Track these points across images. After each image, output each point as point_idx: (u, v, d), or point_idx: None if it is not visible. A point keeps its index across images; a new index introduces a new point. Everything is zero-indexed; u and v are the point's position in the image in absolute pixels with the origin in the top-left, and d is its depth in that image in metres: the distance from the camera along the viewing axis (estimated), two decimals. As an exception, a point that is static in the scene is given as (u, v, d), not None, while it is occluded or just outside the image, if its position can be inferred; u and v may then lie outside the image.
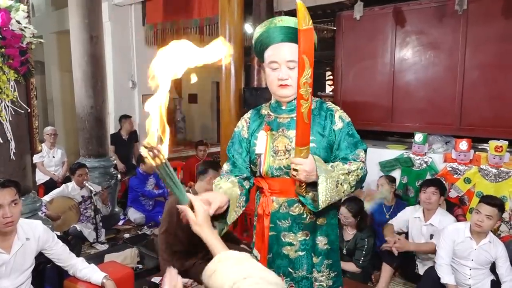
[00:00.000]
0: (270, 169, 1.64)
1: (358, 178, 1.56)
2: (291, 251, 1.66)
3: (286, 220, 1.65)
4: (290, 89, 1.59)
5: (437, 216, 3.23)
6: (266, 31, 1.60)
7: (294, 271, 1.67)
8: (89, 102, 4.80)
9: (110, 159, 5.10)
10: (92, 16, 4.73)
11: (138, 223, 4.83)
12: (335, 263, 1.72)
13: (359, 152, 1.63)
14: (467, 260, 2.84)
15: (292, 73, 1.57)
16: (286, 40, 1.57)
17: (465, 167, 3.92)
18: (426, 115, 4.50)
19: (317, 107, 1.68)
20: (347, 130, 1.65)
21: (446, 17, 4.26)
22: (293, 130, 1.57)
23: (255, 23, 4.99)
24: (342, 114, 1.68)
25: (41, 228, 2.30)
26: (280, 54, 1.57)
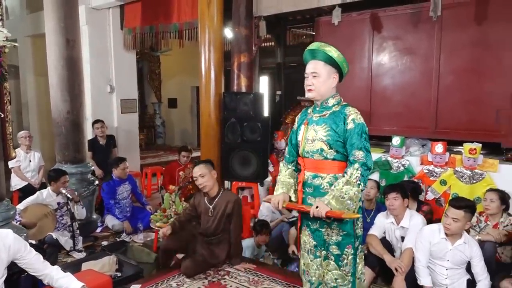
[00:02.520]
0: (303, 151, 2.37)
1: (359, 178, 2.14)
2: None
3: (310, 187, 2.35)
4: (313, 93, 2.32)
5: (407, 218, 3.28)
6: (304, 53, 2.37)
7: (311, 224, 2.38)
8: (66, 107, 4.72)
9: (88, 165, 5.01)
10: (69, 20, 4.66)
11: (116, 230, 4.75)
12: (344, 225, 2.29)
13: (355, 152, 2.19)
14: (443, 260, 2.90)
15: (314, 80, 2.29)
16: (310, 58, 2.34)
17: (441, 169, 4.01)
18: (403, 118, 4.58)
19: (339, 110, 2.31)
20: (356, 131, 2.22)
21: (421, 23, 4.36)
22: (319, 125, 2.31)
23: (234, 28, 5.00)
24: (356, 117, 2.26)
25: (11, 237, 2.24)
26: (307, 68, 2.33)
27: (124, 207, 4.95)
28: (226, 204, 3.52)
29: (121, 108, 6.70)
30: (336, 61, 2.28)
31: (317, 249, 2.36)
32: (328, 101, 2.34)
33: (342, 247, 2.30)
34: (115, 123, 6.66)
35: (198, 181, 3.49)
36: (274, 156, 5.46)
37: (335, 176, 2.27)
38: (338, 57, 2.28)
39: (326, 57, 2.27)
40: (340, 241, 2.29)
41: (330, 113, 2.31)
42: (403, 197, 3.28)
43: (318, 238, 2.34)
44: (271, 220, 4.11)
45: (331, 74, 2.30)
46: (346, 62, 2.34)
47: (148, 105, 11.88)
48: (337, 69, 2.31)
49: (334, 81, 2.33)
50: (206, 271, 3.48)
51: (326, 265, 2.35)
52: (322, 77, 2.29)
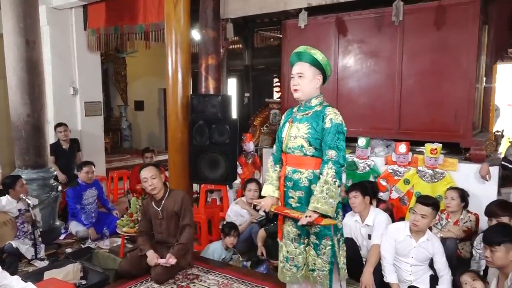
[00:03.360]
0: (286, 147, 2.52)
1: (334, 175, 2.31)
2: (293, 202, 2.52)
3: (290, 182, 2.51)
4: (299, 93, 2.47)
5: (371, 216, 3.37)
6: (291, 56, 2.53)
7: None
8: (26, 110, 4.54)
9: (50, 170, 4.84)
10: (28, 20, 4.49)
11: (80, 236, 4.60)
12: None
13: (328, 152, 2.35)
14: (408, 257, 2.99)
15: (300, 81, 2.45)
16: (297, 60, 2.49)
17: (404, 169, 4.14)
18: (368, 120, 4.68)
19: (320, 109, 2.45)
20: (332, 130, 2.37)
21: (385, 27, 4.49)
22: (302, 123, 2.46)
23: (202, 30, 4.98)
24: (334, 117, 2.40)
25: None
26: (294, 70, 2.49)
27: (89, 212, 4.81)
28: (174, 203, 3.49)
29: (85, 111, 6.52)
30: (321, 63, 2.44)
31: (301, 237, 2.53)
32: (312, 101, 2.48)
33: (320, 238, 2.46)
34: (78, 126, 6.47)
35: (148, 183, 3.45)
36: (243, 158, 5.47)
37: (313, 171, 2.42)
38: (322, 60, 2.44)
39: (311, 59, 2.43)
40: (318, 232, 2.46)
41: (313, 112, 2.46)
42: (363, 194, 3.37)
43: (301, 228, 2.49)
44: (239, 224, 4.10)
45: (315, 75, 2.45)
46: (330, 65, 2.51)
47: (114, 108, 11.61)
48: (321, 71, 2.47)
49: (318, 82, 2.48)
50: (175, 275, 3.44)
51: (309, 250, 2.53)
52: (308, 78, 2.44)
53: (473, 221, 3.45)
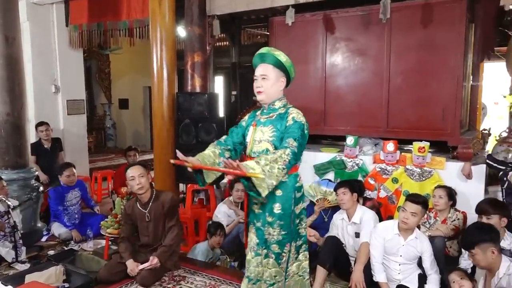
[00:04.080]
0: (251, 152, 2.48)
1: (286, 162, 2.16)
2: (255, 209, 2.47)
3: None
4: (262, 95, 2.44)
5: (358, 214, 3.39)
6: (254, 57, 2.49)
7: (255, 222, 2.47)
8: (5, 109, 4.46)
9: (31, 170, 4.75)
10: (7, 15, 4.40)
11: (63, 238, 4.53)
12: (285, 226, 2.41)
13: (289, 140, 2.25)
14: (396, 256, 3.02)
15: (263, 83, 2.41)
16: (260, 62, 2.46)
17: (392, 167, 4.18)
18: (357, 118, 4.71)
19: (284, 112, 2.44)
20: (293, 126, 2.33)
21: (372, 25, 4.51)
22: (266, 127, 2.44)
23: (187, 27, 4.94)
24: (296, 116, 2.38)
25: None
26: (257, 71, 2.45)
27: (72, 213, 4.74)
28: (162, 205, 3.44)
29: (67, 109, 6.43)
30: (285, 65, 2.42)
31: (259, 247, 2.44)
32: (275, 103, 2.46)
33: (282, 246, 2.42)
34: (61, 125, 6.38)
35: (136, 181, 3.38)
36: (230, 157, 5.44)
37: None
38: (286, 62, 2.42)
39: (275, 61, 2.40)
40: (281, 240, 2.41)
41: (277, 115, 2.43)
42: (351, 191, 3.40)
43: (260, 237, 2.43)
44: (227, 224, 4.09)
45: (279, 77, 2.43)
46: (294, 67, 2.47)
47: (98, 106, 11.47)
48: (285, 73, 2.45)
49: (281, 85, 2.46)
50: (161, 277, 3.41)
51: (266, 263, 2.44)
52: (271, 80, 2.41)
53: (461, 219, 3.49)
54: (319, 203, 4.00)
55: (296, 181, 2.48)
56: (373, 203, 3.89)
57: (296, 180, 2.48)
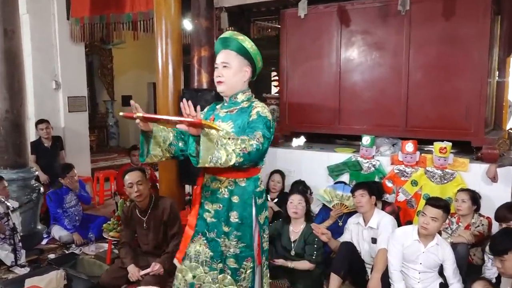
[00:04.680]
0: None
1: (246, 151, 1.93)
2: (208, 217, 2.25)
3: (208, 192, 2.25)
4: (223, 86, 2.22)
5: (375, 218, 3.39)
6: (216, 43, 2.31)
7: (208, 232, 2.26)
8: (4, 106, 4.52)
9: (31, 170, 4.81)
10: (6, 8, 4.46)
11: (64, 241, 4.58)
12: (244, 236, 2.21)
13: (257, 133, 2.03)
14: (416, 263, 2.99)
15: (225, 71, 2.21)
16: (222, 48, 2.26)
17: (411, 169, 4.14)
18: (373, 116, 4.67)
19: (247, 106, 2.23)
20: (257, 120, 2.11)
21: (390, 17, 4.47)
22: (225, 122, 2.22)
23: (194, 19, 4.95)
24: (260, 110, 2.16)
25: None
26: (218, 58, 2.25)
27: (72, 216, 4.79)
28: (162, 212, 3.43)
29: (68, 107, 6.49)
30: (249, 52, 2.22)
31: (213, 260, 2.24)
32: (237, 96, 2.26)
33: (241, 260, 2.22)
34: (61, 123, 6.44)
35: (134, 189, 3.34)
36: (239, 157, 5.45)
37: (234, 180, 2.19)
38: (251, 48, 2.23)
39: (238, 47, 2.22)
40: (239, 254, 2.21)
41: (238, 109, 2.23)
42: (369, 194, 3.39)
43: (215, 249, 2.23)
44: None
45: (242, 66, 2.24)
46: (261, 56, 2.29)
47: (100, 103, 11.56)
48: (250, 62, 2.26)
49: (245, 75, 2.26)
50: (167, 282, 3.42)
51: (222, 279, 2.25)
52: (233, 69, 2.21)
53: (486, 225, 3.45)
54: (336, 209, 3.98)
55: (257, 185, 2.25)
56: (393, 208, 3.86)
57: (256, 185, 2.24)
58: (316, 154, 4.79)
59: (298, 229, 3.58)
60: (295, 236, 3.58)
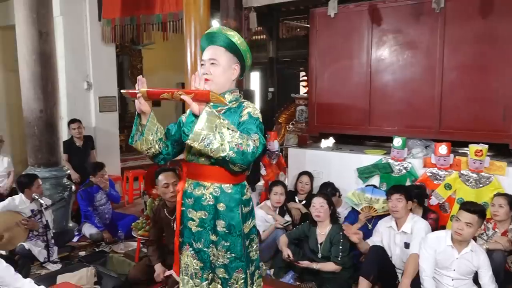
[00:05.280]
0: (189, 155, 2.10)
1: (241, 148, 1.79)
2: (192, 226, 2.10)
3: (190, 198, 2.10)
4: (210, 84, 2.03)
5: (409, 223, 3.32)
6: (201, 38, 2.17)
7: (194, 242, 2.11)
8: (39, 105, 4.66)
9: (63, 169, 4.96)
10: (41, 10, 4.60)
11: (94, 239, 4.70)
12: (233, 247, 2.06)
13: (254, 136, 1.89)
14: (449, 270, 2.92)
15: (212, 69, 2.05)
16: (209, 44, 2.12)
17: (445, 172, 4.05)
18: (405, 118, 4.61)
19: (236, 106, 2.07)
20: (249, 121, 1.97)
21: (424, 15, 4.40)
22: None
23: (223, 20, 5.00)
24: (252, 110, 2.02)
25: None
26: (204, 55, 2.10)
27: (102, 214, 4.91)
28: None
29: (99, 107, 6.63)
30: (239, 48, 2.09)
31: (204, 271, 2.12)
32: (225, 96, 2.07)
33: (231, 271, 2.08)
34: (93, 123, 6.59)
35: (170, 189, 3.39)
36: (267, 158, 5.45)
37: (220, 186, 2.04)
38: (241, 45, 2.09)
39: (227, 42, 2.07)
40: (228, 265, 2.08)
41: (225, 110, 2.06)
42: (406, 199, 3.33)
43: (204, 260, 2.11)
44: (263, 230, 4.10)
45: (231, 63, 2.10)
46: (250, 52, 2.16)
47: (129, 103, 11.79)
48: (239, 59, 2.12)
49: (234, 73, 2.12)
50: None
51: None
52: (222, 66, 2.06)
53: (524, 231, 3.34)
54: (364, 212, 3.93)
55: (243, 192, 2.10)
56: (437, 216, 3.78)
57: (242, 192, 2.10)
58: (345, 156, 4.75)
59: (324, 231, 3.59)
60: (322, 239, 3.58)
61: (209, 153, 1.79)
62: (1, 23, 7.31)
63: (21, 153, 6.66)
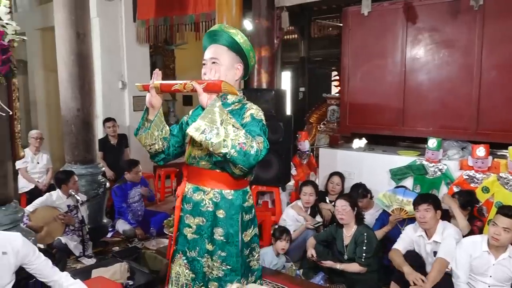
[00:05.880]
0: (190, 157, 2.05)
1: (244, 148, 1.71)
2: (188, 233, 2.02)
3: (189, 204, 2.02)
4: None
5: (439, 232, 3.19)
6: (204, 38, 2.10)
7: (188, 251, 2.02)
8: (76, 104, 4.80)
9: (98, 166, 5.10)
10: (79, 12, 4.74)
11: (127, 235, 4.82)
12: (230, 258, 1.96)
13: (258, 138, 1.81)
14: (485, 276, 2.84)
15: (214, 68, 1.96)
16: (211, 43, 2.04)
17: (482, 175, 3.93)
18: (440, 118, 4.52)
19: (239, 108, 1.99)
20: (252, 123, 1.89)
21: (461, 13, 4.29)
22: None
23: (255, 19, 5.02)
24: (254, 112, 1.93)
25: (20, 241, 2.28)
26: (206, 54, 2.04)
27: (135, 210, 5.03)
28: None
29: (133, 106, 6.78)
30: (242, 47, 1.99)
31: (195, 283, 2.00)
32: (228, 96, 2.00)
33: (224, 284, 1.96)
34: (127, 121, 6.75)
35: None
36: (297, 158, 5.45)
37: (220, 192, 1.96)
38: (244, 43, 2.00)
39: (230, 41, 1.99)
40: (222, 277, 1.96)
41: (228, 111, 1.89)
42: (435, 208, 3.19)
43: (197, 270, 2.00)
44: (294, 229, 4.10)
45: (234, 63, 2.01)
46: (254, 52, 2.07)
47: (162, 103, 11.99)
48: (242, 58, 2.03)
49: (237, 73, 2.03)
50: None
51: None
52: (224, 65, 1.98)
53: None
54: (394, 214, 3.86)
55: (245, 199, 2.01)
56: (482, 225, 3.66)
57: (244, 198, 2.01)
58: (377, 157, 4.68)
59: (350, 232, 3.59)
60: (347, 240, 3.58)
61: (210, 147, 1.71)
62: (42, 25, 7.59)
63: (59, 150, 6.89)
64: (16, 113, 3.11)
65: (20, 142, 3.25)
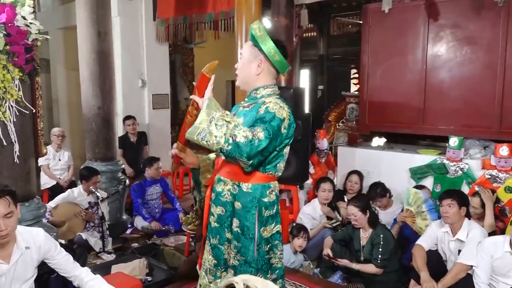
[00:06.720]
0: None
1: (235, 140, 1.75)
2: (212, 221, 2.09)
3: (214, 193, 2.10)
4: (237, 79, 2.09)
5: (464, 230, 3.14)
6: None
7: (212, 238, 2.09)
8: (97, 102, 4.88)
9: (118, 163, 5.17)
10: (101, 11, 4.81)
11: (146, 231, 4.88)
12: (244, 249, 1.99)
13: (257, 128, 1.83)
14: (508, 277, 2.78)
15: (239, 63, 2.07)
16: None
17: (505, 174, 3.86)
18: (462, 117, 4.45)
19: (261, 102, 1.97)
20: (265, 115, 1.87)
21: (485, 9, 4.21)
22: (239, 118, 2.01)
23: (274, 17, 5.01)
24: (272, 106, 1.90)
25: (42, 236, 2.33)
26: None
27: (152, 208, 5.08)
28: None
29: (153, 104, 6.85)
30: (258, 41, 1.95)
31: (217, 268, 2.07)
32: (258, 91, 2.02)
33: (239, 273, 1.96)
34: (146, 119, 6.82)
35: None
36: (315, 156, 5.42)
37: (238, 184, 1.99)
38: (261, 37, 1.94)
39: (251, 35, 2.00)
40: (237, 267, 2.00)
41: (255, 104, 1.99)
42: (459, 204, 3.14)
43: (218, 257, 2.06)
44: (311, 228, 4.09)
45: (253, 56, 2.00)
46: (275, 48, 1.94)
47: (181, 101, 12.05)
48: (262, 53, 1.99)
49: (259, 68, 2.00)
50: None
51: None
52: (243, 59, 2.04)
53: None
54: (404, 214, 3.80)
55: (265, 194, 1.99)
56: (505, 226, 3.58)
57: (264, 193, 1.99)
58: (397, 155, 4.63)
59: (366, 234, 3.59)
60: (364, 241, 3.58)
61: (206, 147, 1.79)
62: (64, 24, 7.73)
63: (80, 148, 7.01)
64: (39, 111, 3.18)
65: (43, 139, 3.32)
